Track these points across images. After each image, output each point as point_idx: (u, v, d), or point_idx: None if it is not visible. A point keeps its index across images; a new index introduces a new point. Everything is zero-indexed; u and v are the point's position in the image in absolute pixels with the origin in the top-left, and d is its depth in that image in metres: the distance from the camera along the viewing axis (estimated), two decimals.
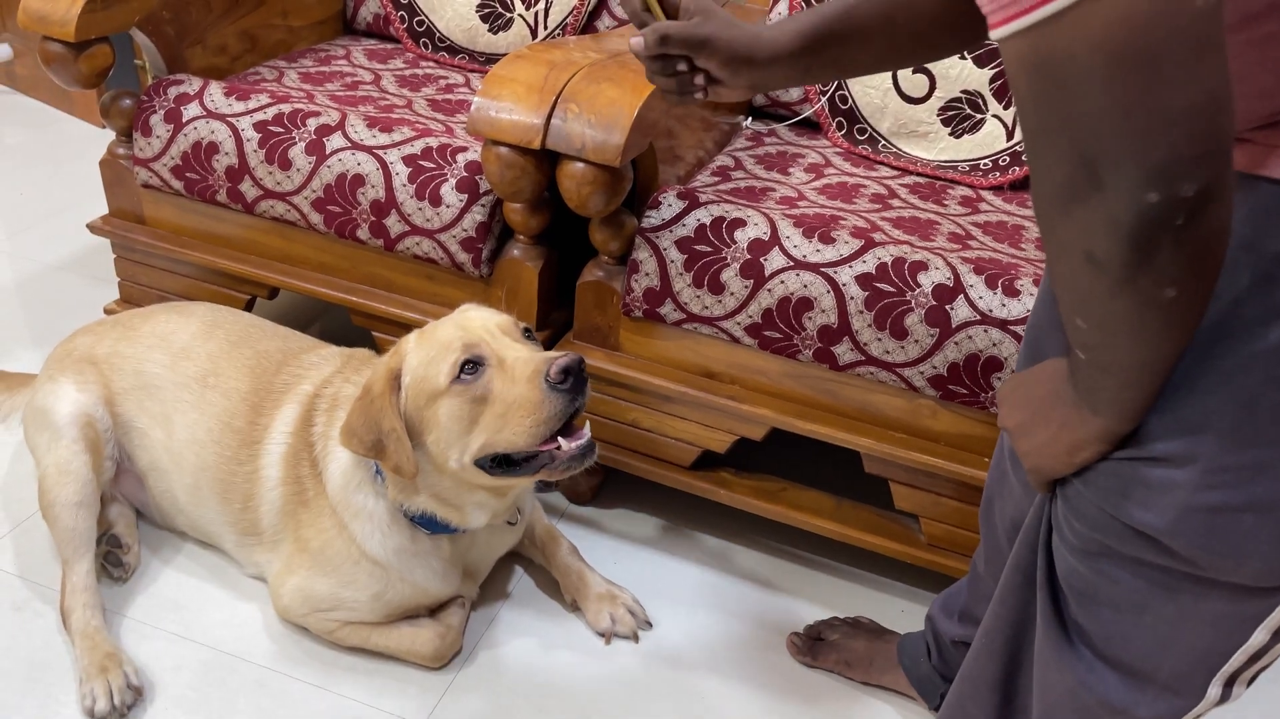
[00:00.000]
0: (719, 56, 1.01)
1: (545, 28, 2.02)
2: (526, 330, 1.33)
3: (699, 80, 1.04)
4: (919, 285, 1.40)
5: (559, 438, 1.26)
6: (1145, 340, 0.70)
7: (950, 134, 1.78)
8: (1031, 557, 0.97)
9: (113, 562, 1.54)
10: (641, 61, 1.04)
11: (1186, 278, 0.65)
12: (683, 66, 1.03)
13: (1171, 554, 0.81)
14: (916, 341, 1.41)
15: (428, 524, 1.38)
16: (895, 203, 1.68)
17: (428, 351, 1.28)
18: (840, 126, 1.88)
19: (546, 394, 1.22)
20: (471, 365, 1.25)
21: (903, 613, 1.61)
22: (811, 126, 1.95)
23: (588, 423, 1.30)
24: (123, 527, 1.58)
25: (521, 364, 1.25)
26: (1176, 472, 0.78)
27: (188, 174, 1.73)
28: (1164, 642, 0.87)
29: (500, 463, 1.29)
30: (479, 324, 1.30)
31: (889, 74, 1.78)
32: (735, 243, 1.47)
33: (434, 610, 1.49)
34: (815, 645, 1.52)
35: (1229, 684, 0.91)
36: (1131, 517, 0.81)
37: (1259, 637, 0.85)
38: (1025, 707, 1.02)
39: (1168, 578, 0.84)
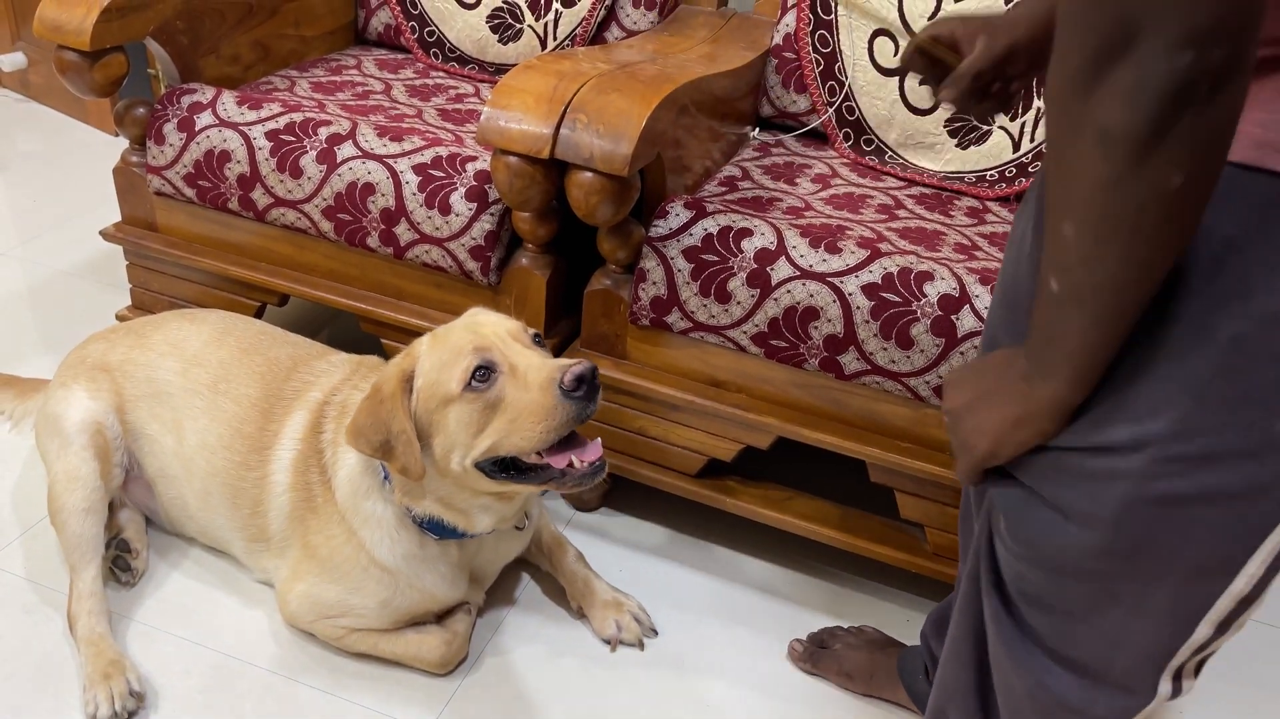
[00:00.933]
0: (1026, 56, 1.02)
1: (554, 39, 2.03)
2: (536, 336, 1.34)
3: (1014, 86, 1.06)
4: (925, 295, 1.41)
5: (571, 455, 1.27)
6: (1136, 248, 0.69)
7: (957, 145, 1.79)
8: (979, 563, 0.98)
9: (121, 566, 1.55)
10: (956, 107, 1.06)
11: (1194, 165, 0.65)
12: (997, 85, 1.05)
13: (1112, 554, 0.82)
14: (922, 351, 1.42)
15: (435, 529, 1.39)
16: (902, 213, 1.69)
17: (440, 356, 1.28)
18: (847, 137, 1.89)
19: (559, 401, 1.22)
20: (484, 371, 1.25)
21: (908, 622, 1.62)
22: (819, 137, 1.96)
23: (599, 439, 1.30)
24: (132, 531, 1.59)
25: (534, 370, 1.25)
26: (1122, 460, 0.79)
27: (200, 182, 1.75)
28: (1113, 642, 0.88)
29: (506, 468, 1.30)
30: (490, 330, 1.31)
31: (896, 86, 1.78)
32: (742, 252, 1.48)
33: (440, 617, 1.50)
34: (817, 654, 1.53)
35: (1177, 678, 0.92)
36: (1072, 507, 0.83)
37: (1202, 631, 0.86)
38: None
39: (1111, 580, 0.85)
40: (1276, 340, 0.74)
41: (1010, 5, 1.05)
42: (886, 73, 1.79)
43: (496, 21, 2.05)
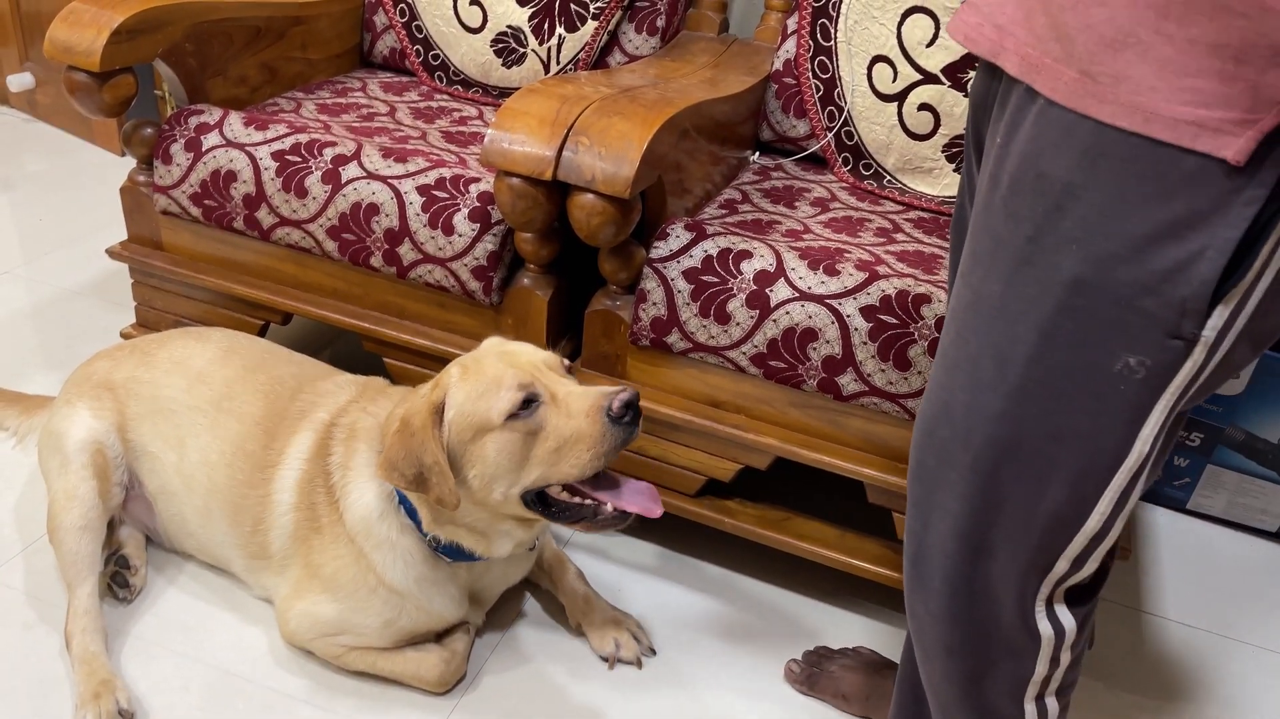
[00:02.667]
0: None
1: (558, 63, 2.06)
2: (568, 365, 1.35)
3: None
4: (922, 318, 1.42)
5: (607, 495, 1.30)
6: None
7: (955, 170, 1.81)
8: None
9: (120, 582, 1.56)
10: None
11: None
12: None
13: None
14: (920, 373, 1.43)
15: (451, 552, 1.40)
16: (900, 237, 1.71)
17: (475, 386, 1.28)
18: (846, 162, 1.91)
19: (607, 428, 1.24)
20: (527, 402, 1.26)
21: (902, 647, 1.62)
22: (818, 162, 1.98)
23: (645, 486, 1.33)
24: (132, 548, 1.60)
25: (576, 398, 1.27)
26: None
27: (206, 201, 1.77)
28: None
29: (538, 502, 1.31)
30: (527, 359, 1.31)
31: (895, 111, 1.81)
32: (741, 274, 1.50)
33: (439, 636, 1.50)
34: (813, 674, 1.53)
35: (1039, 701, 1.02)
36: None
37: (1060, 565, 0.98)
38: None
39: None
40: (1112, 282, 0.77)
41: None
42: (885, 98, 1.81)
43: (500, 46, 2.08)
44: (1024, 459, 0.92)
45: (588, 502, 1.31)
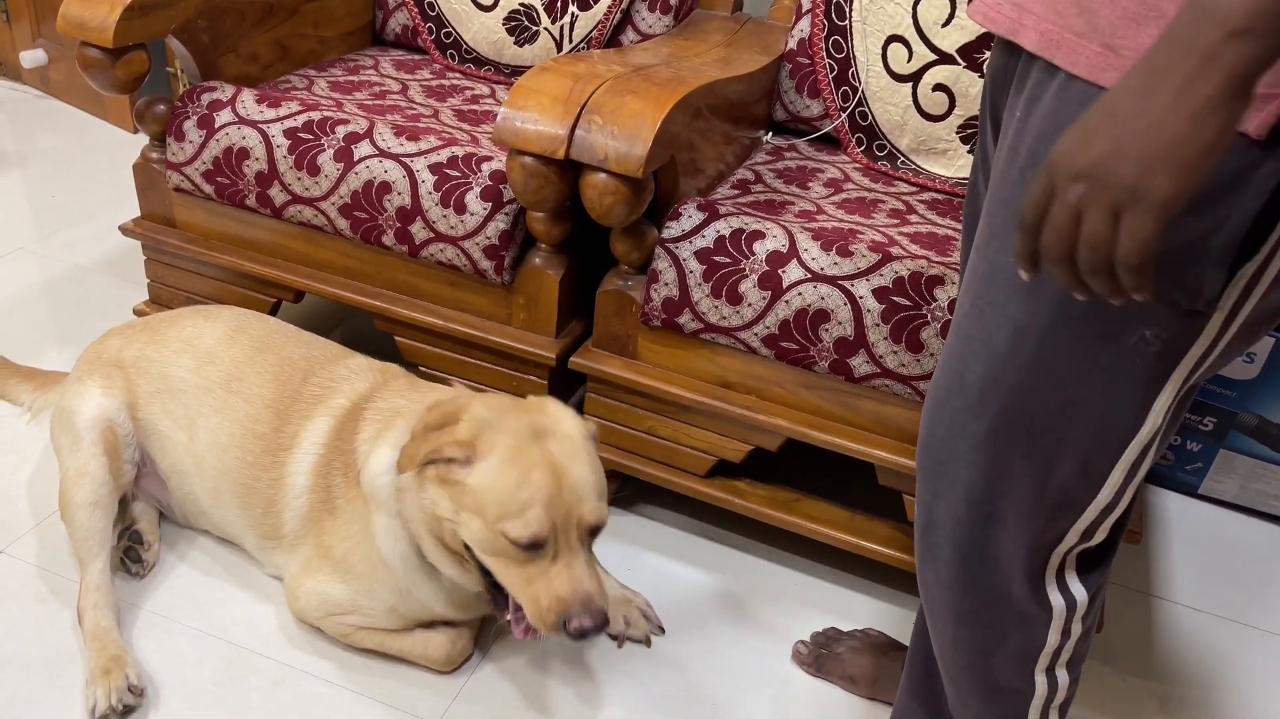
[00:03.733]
0: None
1: (570, 41, 2.05)
2: (596, 530, 1.28)
3: None
4: (935, 299, 1.42)
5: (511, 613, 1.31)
6: None
7: (969, 151, 1.80)
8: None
9: (132, 557, 1.57)
10: None
11: None
12: None
13: None
14: (932, 355, 1.42)
15: None
16: (913, 218, 1.70)
17: (507, 483, 1.23)
18: (860, 142, 1.90)
19: (558, 629, 1.23)
20: (532, 545, 1.23)
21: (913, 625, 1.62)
22: (831, 142, 1.97)
23: (582, 618, 1.24)
24: (145, 523, 1.61)
25: (560, 581, 1.23)
26: None
27: (218, 178, 1.77)
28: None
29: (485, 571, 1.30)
30: (563, 500, 1.23)
31: (909, 91, 1.79)
32: (754, 254, 1.49)
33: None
34: (821, 656, 1.53)
35: (1049, 673, 1.03)
36: None
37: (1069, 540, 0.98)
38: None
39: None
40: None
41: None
42: (899, 79, 1.80)
43: (513, 24, 2.07)
44: (1037, 431, 0.92)
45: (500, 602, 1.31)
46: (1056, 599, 1.02)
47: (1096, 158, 0.68)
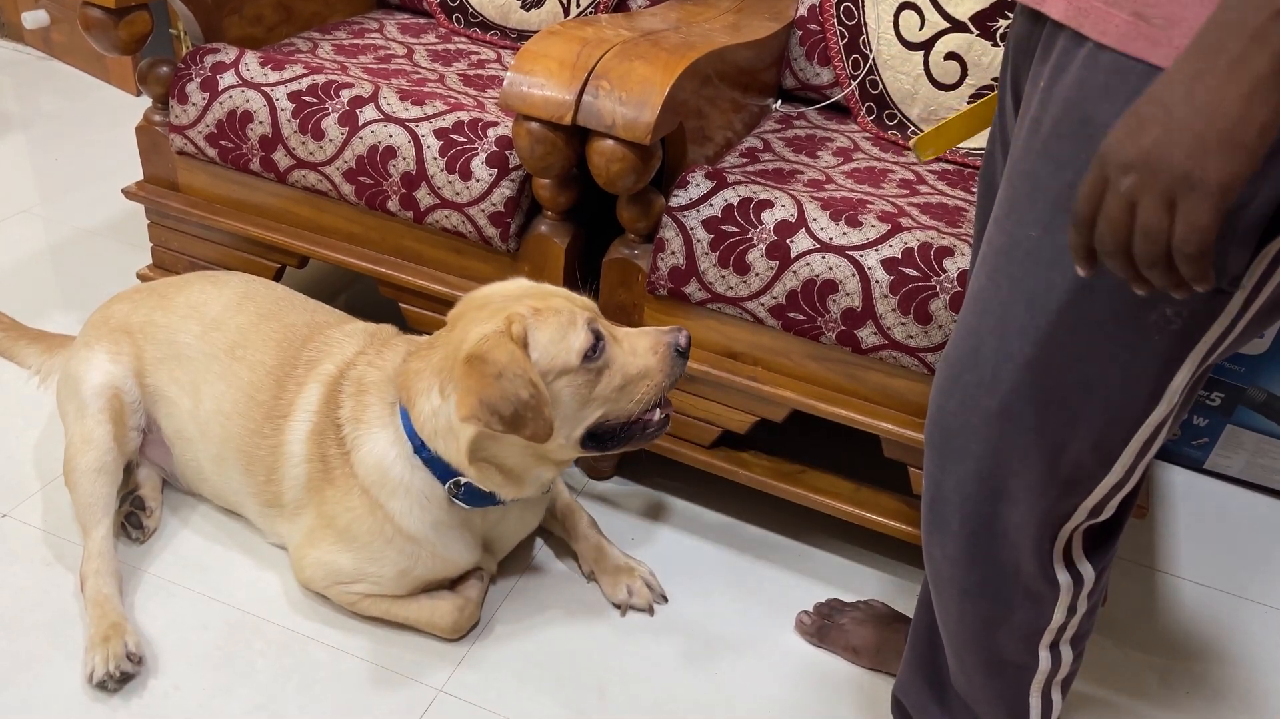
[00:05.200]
0: None
1: (578, 5, 2.02)
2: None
3: None
4: (944, 271, 1.41)
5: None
6: None
7: None
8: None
9: (134, 523, 1.57)
10: None
11: None
12: None
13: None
14: (940, 327, 1.41)
15: (470, 498, 1.40)
16: (923, 189, 1.68)
17: (555, 327, 1.28)
18: (870, 111, 1.88)
19: (674, 362, 1.34)
20: (597, 341, 1.29)
21: (916, 597, 1.62)
22: (841, 111, 1.95)
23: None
24: (148, 489, 1.61)
25: (637, 337, 1.34)
26: None
27: (222, 142, 1.75)
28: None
29: (591, 440, 1.35)
30: (582, 301, 1.35)
31: (921, 60, 1.77)
32: (762, 224, 1.48)
33: (454, 583, 1.51)
34: (824, 626, 1.54)
35: (1053, 648, 1.02)
36: None
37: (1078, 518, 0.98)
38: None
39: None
40: None
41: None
42: (911, 47, 1.77)
43: None
44: (1051, 408, 0.91)
45: (636, 422, 1.35)
46: (1064, 577, 1.01)
47: (1148, 146, 0.67)
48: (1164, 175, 0.66)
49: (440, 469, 1.37)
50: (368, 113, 1.67)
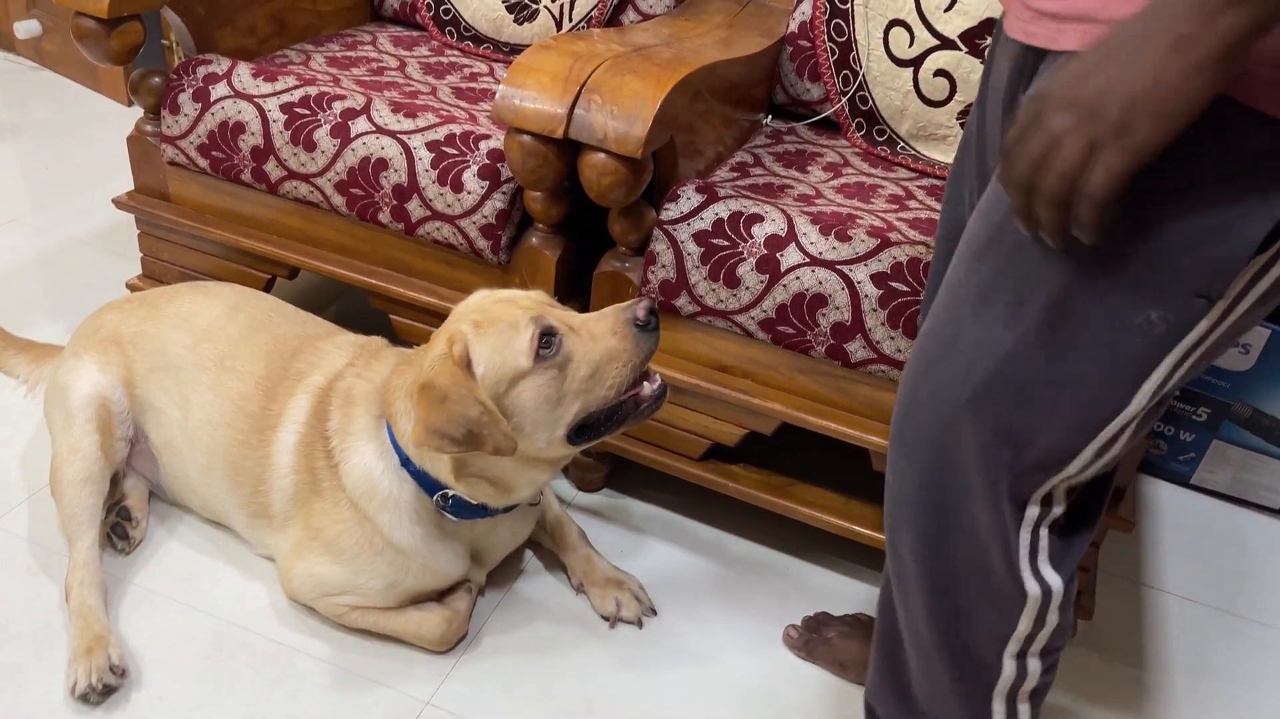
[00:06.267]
0: None
1: (570, 20, 2.03)
2: (556, 299, 1.36)
3: None
4: None
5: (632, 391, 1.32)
6: None
7: None
8: None
9: (119, 534, 1.56)
10: None
11: None
12: None
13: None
14: None
15: (458, 509, 1.40)
16: (912, 204, 1.69)
17: (497, 336, 1.27)
18: (860, 127, 1.89)
19: (638, 338, 1.29)
20: (547, 338, 1.26)
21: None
22: (831, 126, 1.96)
23: (654, 368, 1.36)
24: (135, 500, 1.60)
25: (595, 321, 1.29)
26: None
27: (213, 153, 1.76)
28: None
29: (580, 433, 1.32)
30: (527, 301, 1.31)
31: (910, 76, 1.78)
32: (752, 238, 1.49)
33: (442, 595, 1.51)
34: (812, 641, 1.54)
35: (1019, 658, 1.02)
36: None
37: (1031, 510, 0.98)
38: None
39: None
40: (1154, 234, 0.80)
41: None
42: (901, 63, 1.79)
43: (512, 2, 2.05)
44: (1023, 400, 0.92)
45: (626, 402, 1.32)
46: (1031, 585, 1.01)
47: (1090, 93, 0.72)
48: (1097, 123, 0.71)
49: (428, 482, 1.37)
50: (360, 124, 1.67)
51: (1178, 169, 0.77)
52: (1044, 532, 1.01)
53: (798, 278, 1.46)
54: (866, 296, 1.43)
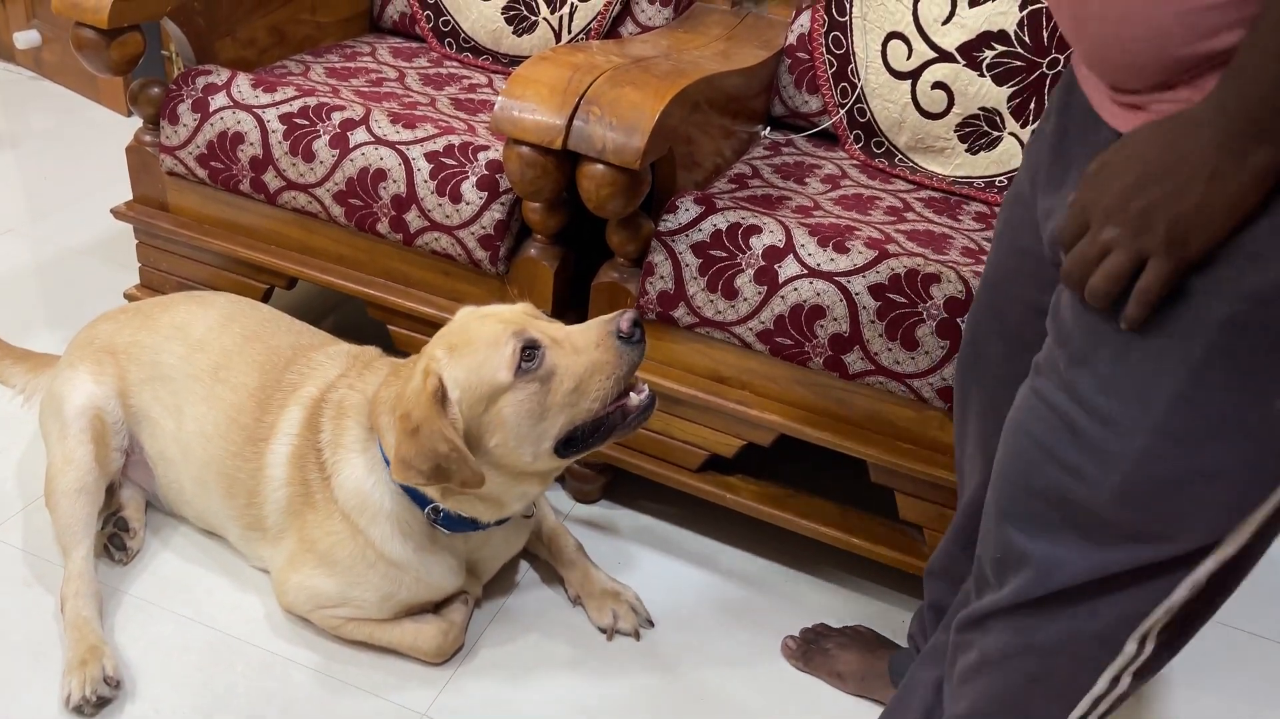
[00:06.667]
0: None
1: (569, 32, 2.04)
2: (543, 313, 1.35)
3: None
4: (931, 297, 1.42)
5: (619, 401, 1.31)
6: None
7: (967, 150, 1.79)
8: None
9: (116, 544, 1.56)
10: None
11: None
12: None
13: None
14: (927, 353, 1.42)
15: (450, 523, 1.39)
16: (910, 216, 1.69)
17: (473, 357, 1.27)
18: (858, 139, 1.89)
19: (622, 350, 1.26)
20: (529, 351, 1.25)
21: (902, 623, 1.62)
22: (829, 138, 1.96)
23: (641, 378, 1.35)
24: (131, 510, 1.60)
25: (578, 334, 1.28)
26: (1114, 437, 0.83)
27: (212, 163, 1.76)
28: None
29: (567, 446, 1.31)
30: (510, 314, 1.31)
31: (908, 89, 1.79)
32: (750, 249, 1.49)
33: (437, 606, 1.50)
34: (810, 651, 1.53)
35: (1143, 641, 0.93)
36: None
37: (1180, 593, 0.88)
38: None
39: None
40: (1270, 320, 0.75)
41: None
42: (899, 76, 1.79)
43: (512, 13, 2.06)
44: (1164, 495, 0.84)
45: (613, 413, 1.31)
46: (1131, 646, 0.93)
47: (1134, 212, 0.75)
48: (1145, 238, 0.75)
49: (419, 495, 1.37)
50: (359, 135, 1.67)
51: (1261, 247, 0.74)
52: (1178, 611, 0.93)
53: (796, 289, 1.46)
54: (864, 308, 1.44)
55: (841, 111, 1.90)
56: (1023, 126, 1.76)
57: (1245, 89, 0.70)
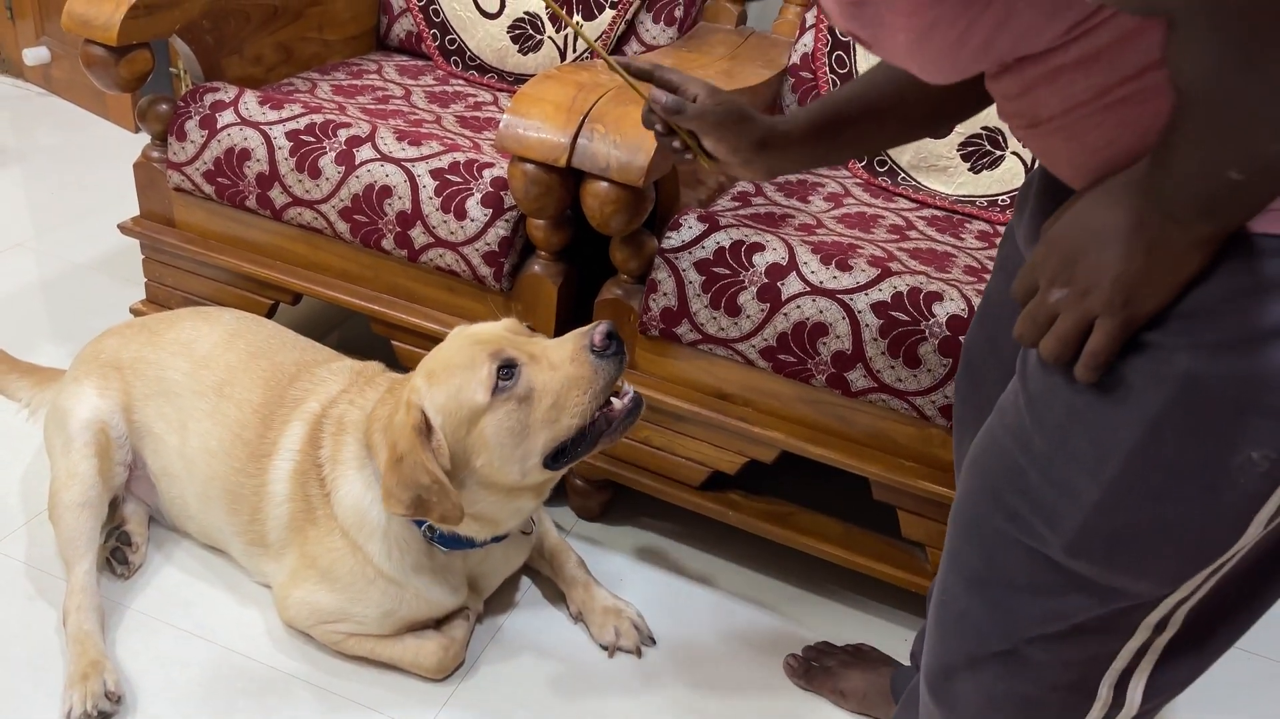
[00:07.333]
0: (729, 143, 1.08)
1: (574, 50, 2.05)
2: (529, 327, 1.35)
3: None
4: (934, 315, 1.42)
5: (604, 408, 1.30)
6: None
7: (969, 169, 1.80)
8: None
9: (119, 558, 1.56)
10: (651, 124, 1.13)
11: None
12: (677, 144, 1.12)
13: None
14: (929, 371, 1.42)
15: (447, 542, 1.40)
16: (913, 234, 1.70)
17: (451, 381, 1.27)
18: (861, 157, 1.90)
19: (596, 364, 1.26)
20: (506, 370, 1.26)
21: (905, 642, 1.61)
22: None
23: (625, 382, 1.34)
24: (134, 525, 1.60)
25: (554, 348, 1.27)
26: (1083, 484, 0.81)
27: (219, 179, 1.77)
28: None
29: (556, 459, 1.31)
30: (488, 333, 1.31)
31: None
32: (753, 266, 1.49)
33: (439, 623, 1.50)
34: (812, 669, 1.53)
35: (1117, 686, 0.90)
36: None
37: (1141, 635, 0.87)
38: None
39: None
40: (1229, 377, 0.74)
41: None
42: None
43: (517, 32, 2.07)
44: (1119, 548, 0.83)
45: (598, 420, 1.30)
46: (1105, 692, 0.91)
47: (1080, 273, 0.76)
48: (1090, 299, 0.76)
49: None
50: (365, 152, 1.68)
51: (1258, 313, 0.73)
52: (1151, 655, 0.90)
53: (798, 307, 1.47)
54: (867, 326, 1.44)
55: None
56: (1024, 146, 1.76)
57: (1173, 178, 0.71)
